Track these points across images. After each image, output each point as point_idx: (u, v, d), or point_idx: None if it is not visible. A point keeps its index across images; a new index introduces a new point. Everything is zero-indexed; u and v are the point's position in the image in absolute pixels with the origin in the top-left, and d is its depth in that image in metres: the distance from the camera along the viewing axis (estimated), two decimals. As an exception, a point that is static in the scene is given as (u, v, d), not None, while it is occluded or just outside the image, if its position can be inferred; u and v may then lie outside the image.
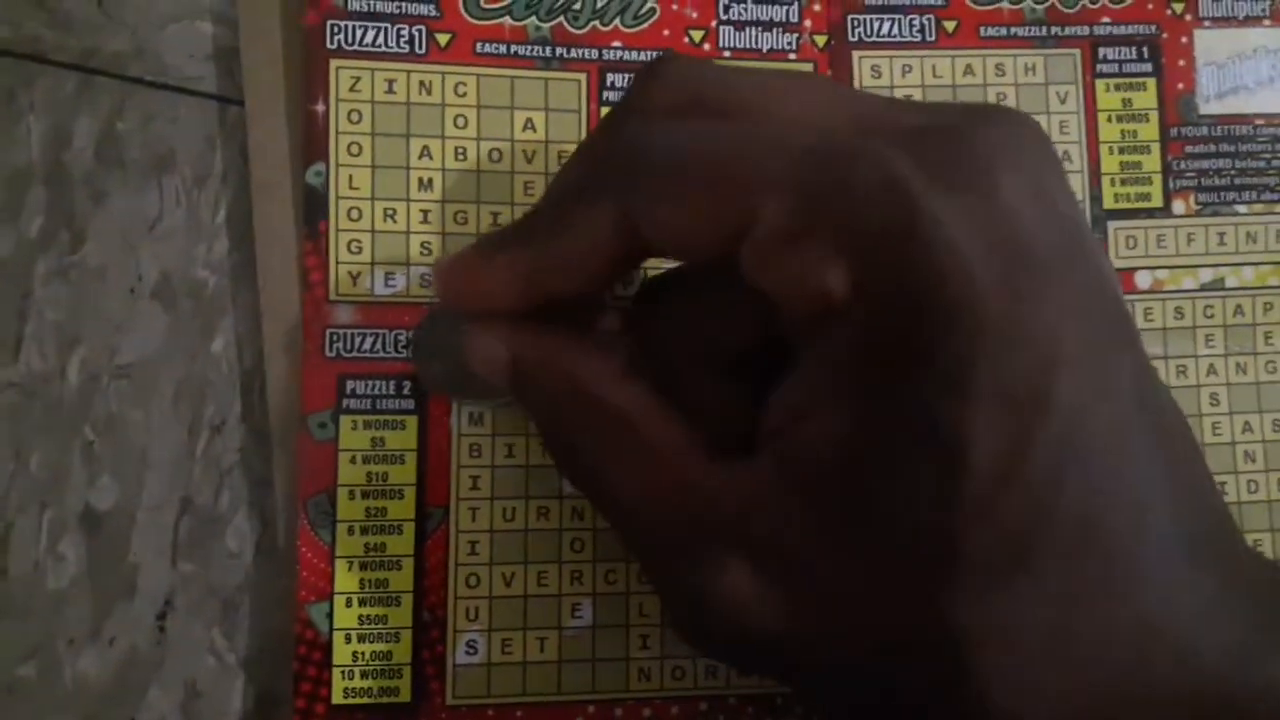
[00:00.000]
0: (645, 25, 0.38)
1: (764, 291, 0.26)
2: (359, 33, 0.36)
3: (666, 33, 0.38)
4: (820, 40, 0.38)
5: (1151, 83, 0.39)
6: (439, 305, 0.34)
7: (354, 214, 0.36)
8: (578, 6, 0.37)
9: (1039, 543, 0.22)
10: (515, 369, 0.29)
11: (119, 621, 0.36)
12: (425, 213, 0.36)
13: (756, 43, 0.38)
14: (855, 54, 0.39)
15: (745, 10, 0.38)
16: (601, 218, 0.26)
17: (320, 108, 0.36)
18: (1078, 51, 0.39)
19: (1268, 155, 0.39)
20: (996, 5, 0.39)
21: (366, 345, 0.35)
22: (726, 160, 0.25)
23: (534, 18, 0.37)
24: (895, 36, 0.39)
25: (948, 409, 0.22)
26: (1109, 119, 0.39)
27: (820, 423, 0.25)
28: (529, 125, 0.37)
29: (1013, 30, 0.39)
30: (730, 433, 0.27)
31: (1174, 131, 0.39)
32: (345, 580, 0.34)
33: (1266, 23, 0.40)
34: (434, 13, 0.37)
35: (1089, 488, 0.22)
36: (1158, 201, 0.39)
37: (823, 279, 0.24)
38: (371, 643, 0.34)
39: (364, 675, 0.34)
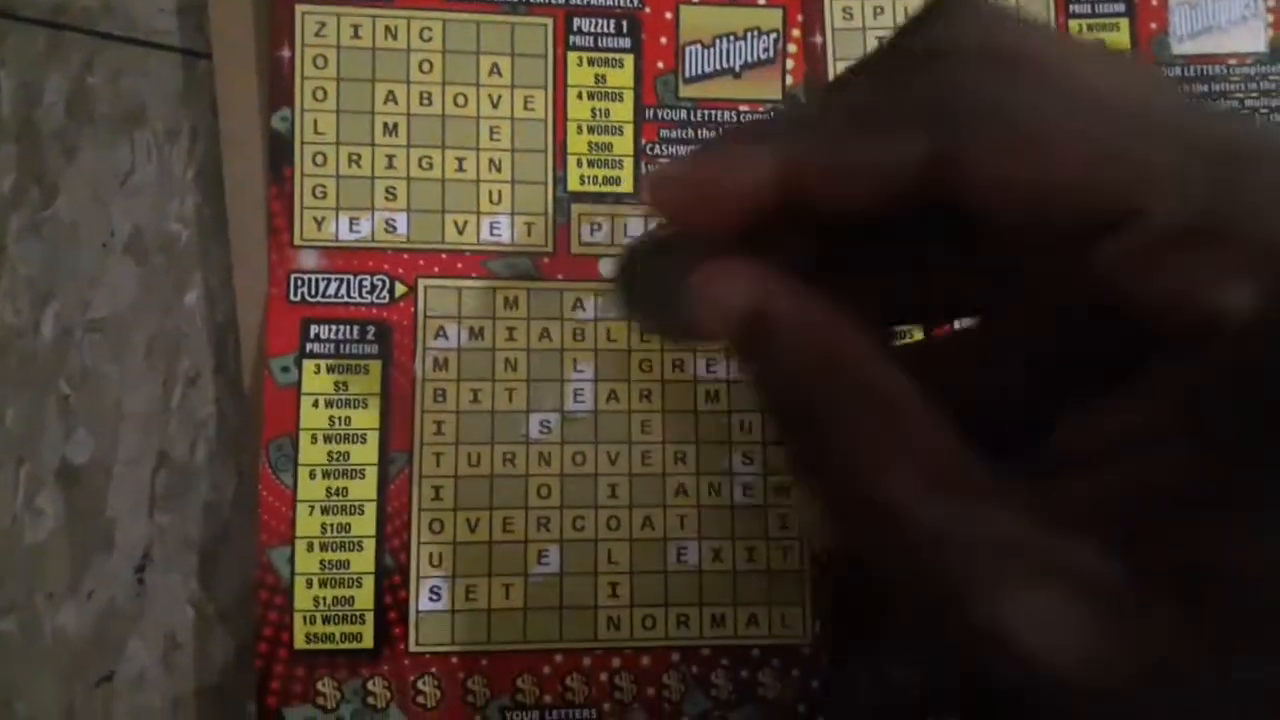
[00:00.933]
0: (612, -30, 0.36)
1: (1115, 291, 0.21)
2: (323, -22, 0.34)
3: (634, -21, 0.36)
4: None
5: (1124, 23, 0.37)
6: (653, 231, 0.30)
7: (319, 159, 0.34)
8: (545, -48, 0.36)
9: None
10: (755, 323, 0.24)
11: (97, 575, 0.34)
12: (390, 158, 0.34)
13: (725, -13, 0.36)
14: (826, -4, 0.36)
15: (715, -44, 0.36)
16: (915, 144, 0.21)
17: (285, 53, 0.34)
18: (1051, -10, 0.37)
19: (1240, 94, 0.37)
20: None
21: (331, 290, 0.33)
22: (1106, 136, 0.21)
23: (500, -38, 0.35)
24: (866, -23, 0.37)
25: None
26: (1083, 59, 0.36)
27: (1165, 455, 0.20)
28: (495, 70, 0.35)
29: (985, -29, 0.37)
30: None
31: (1149, 70, 0.37)
32: (306, 525, 0.32)
33: (1241, -40, 0.38)
34: (400, -41, 0.35)
35: None
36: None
37: (1222, 293, 0.20)
38: (333, 588, 0.32)
39: (326, 620, 0.32)
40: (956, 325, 0.29)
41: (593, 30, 0.35)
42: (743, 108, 0.36)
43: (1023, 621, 0.20)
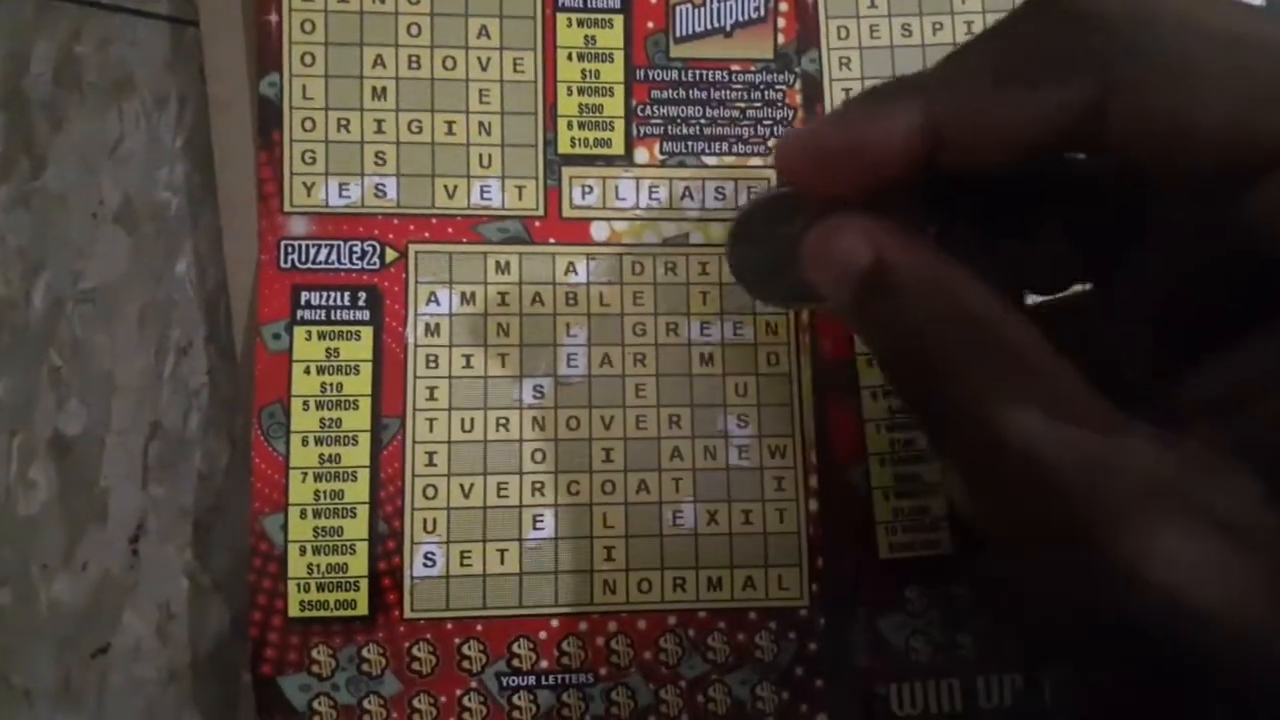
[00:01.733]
0: (600, -70, 0.35)
1: (1255, 232, 0.21)
2: (309, -59, 0.34)
3: (623, -61, 0.35)
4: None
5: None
6: (773, 189, 0.29)
7: (308, 124, 0.33)
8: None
9: None
10: (875, 276, 0.24)
11: (91, 546, 0.34)
12: (379, 122, 0.33)
13: (716, -53, 0.35)
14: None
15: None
16: (1073, 93, 0.21)
17: (273, 18, 0.34)
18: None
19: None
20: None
21: (321, 256, 0.33)
22: (1263, 77, 0.20)
23: (488, -78, 0.34)
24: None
25: None
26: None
27: None
28: (483, 32, 0.34)
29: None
30: None
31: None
32: (299, 492, 0.32)
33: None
34: (387, -78, 0.34)
35: None
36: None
37: None
38: (327, 555, 0.32)
39: (320, 588, 0.32)
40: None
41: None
42: (734, 67, 0.35)
43: (1169, 559, 0.19)
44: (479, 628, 0.32)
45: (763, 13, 0.35)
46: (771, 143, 0.34)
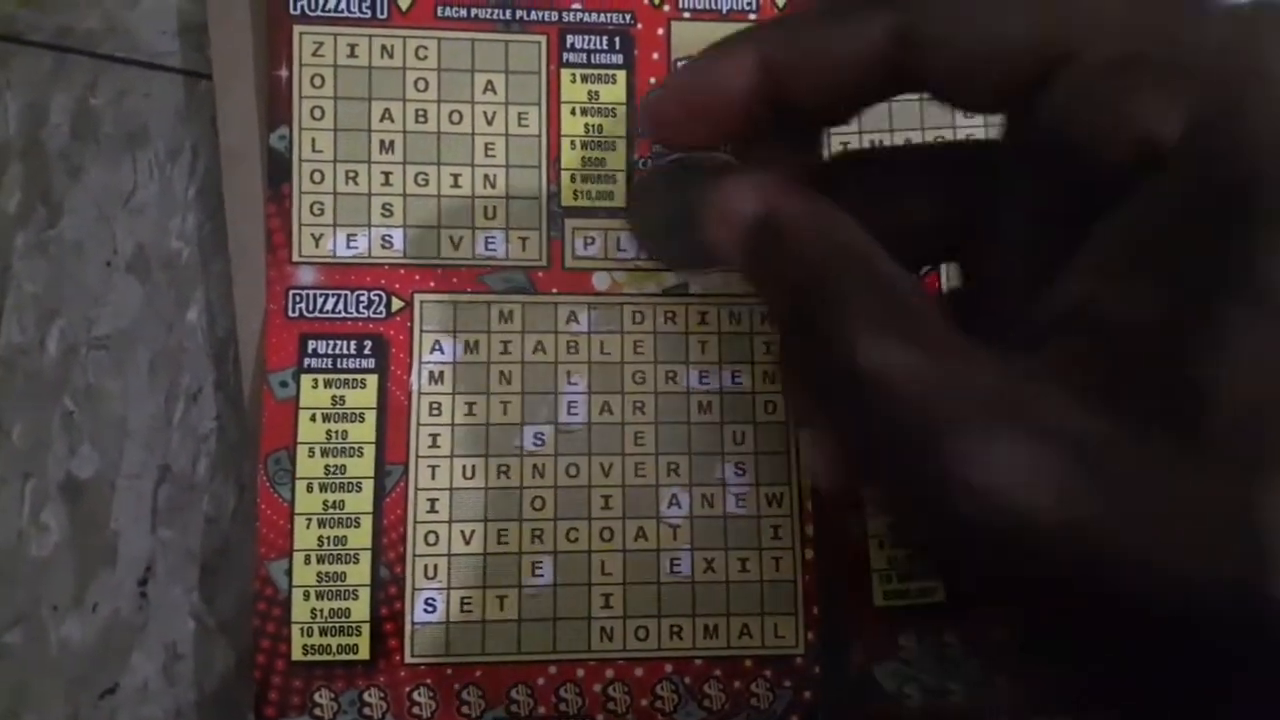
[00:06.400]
0: (605, -14, 0.36)
1: (1064, 136, 0.22)
2: (321, -2, 0.35)
3: (627, -6, 0.36)
4: (781, 0, 0.36)
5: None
6: (666, 157, 0.30)
7: (316, 176, 0.34)
8: (538, -30, 0.36)
9: None
10: (765, 227, 0.25)
11: (101, 588, 0.34)
12: (386, 174, 0.34)
13: (717, 3, 0.36)
14: (816, 12, 0.36)
15: (707, -28, 0.36)
16: (877, 23, 0.24)
17: (284, 73, 0.34)
18: None
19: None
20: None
21: (329, 306, 0.34)
22: None
23: (494, -19, 0.35)
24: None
25: None
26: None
27: (1127, 295, 0.21)
28: (489, 88, 0.35)
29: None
30: None
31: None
32: (304, 537, 0.33)
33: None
34: (396, -22, 0.35)
35: None
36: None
37: (1151, 121, 0.21)
38: (330, 600, 0.32)
39: (323, 632, 0.32)
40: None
41: (586, 47, 0.35)
42: (733, 122, 0.36)
43: (997, 465, 0.20)
44: (478, 674, 0.33)
45: (762, 69, 0.36)
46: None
